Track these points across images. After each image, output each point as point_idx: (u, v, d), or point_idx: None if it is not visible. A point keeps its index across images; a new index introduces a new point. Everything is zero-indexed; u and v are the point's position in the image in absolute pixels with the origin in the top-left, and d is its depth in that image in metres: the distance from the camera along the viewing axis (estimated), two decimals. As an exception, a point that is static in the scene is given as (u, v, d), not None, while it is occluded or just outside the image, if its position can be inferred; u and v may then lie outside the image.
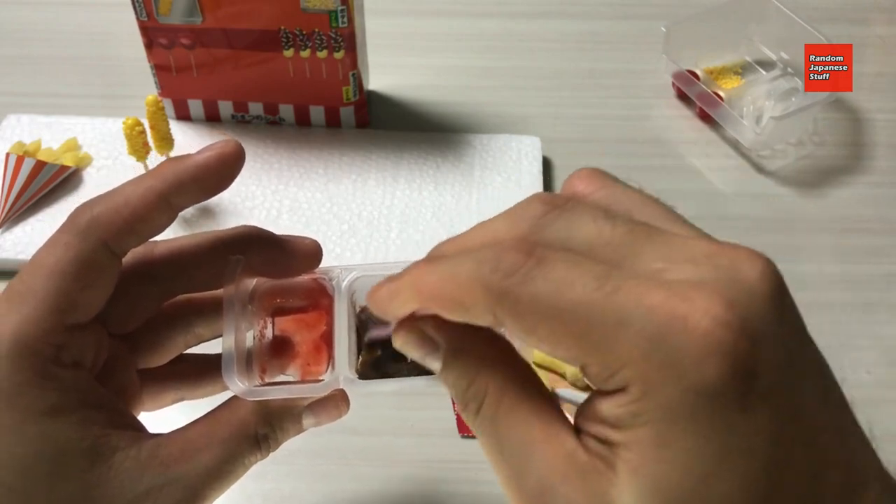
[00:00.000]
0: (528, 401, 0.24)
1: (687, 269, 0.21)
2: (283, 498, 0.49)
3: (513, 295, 0.22)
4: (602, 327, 0.21)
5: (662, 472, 0.20)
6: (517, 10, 0.80)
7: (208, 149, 0.31)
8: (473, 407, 0.25)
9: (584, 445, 0.22)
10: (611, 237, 0.23)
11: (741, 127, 0.66)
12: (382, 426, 0.51)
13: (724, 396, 0.20)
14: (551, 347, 0.22)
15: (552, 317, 0.21)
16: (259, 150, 0.66)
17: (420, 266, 0.25)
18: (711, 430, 0.20)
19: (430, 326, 0.26)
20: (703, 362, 0.20)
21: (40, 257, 0.29)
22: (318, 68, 0.64)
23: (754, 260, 0.21)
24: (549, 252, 0.22)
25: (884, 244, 0.61)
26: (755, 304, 0.21)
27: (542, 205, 0.24)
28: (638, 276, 0.21)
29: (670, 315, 0.20)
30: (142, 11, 0.61)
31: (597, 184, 0.26)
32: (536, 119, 0.70)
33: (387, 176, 0.64)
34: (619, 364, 0.21)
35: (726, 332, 0.20)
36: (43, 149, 0.64)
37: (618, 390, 0.21)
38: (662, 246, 0.22)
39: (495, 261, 0.22)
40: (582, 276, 0.21)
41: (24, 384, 0.28)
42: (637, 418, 0.21)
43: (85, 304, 0.30)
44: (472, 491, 0.49)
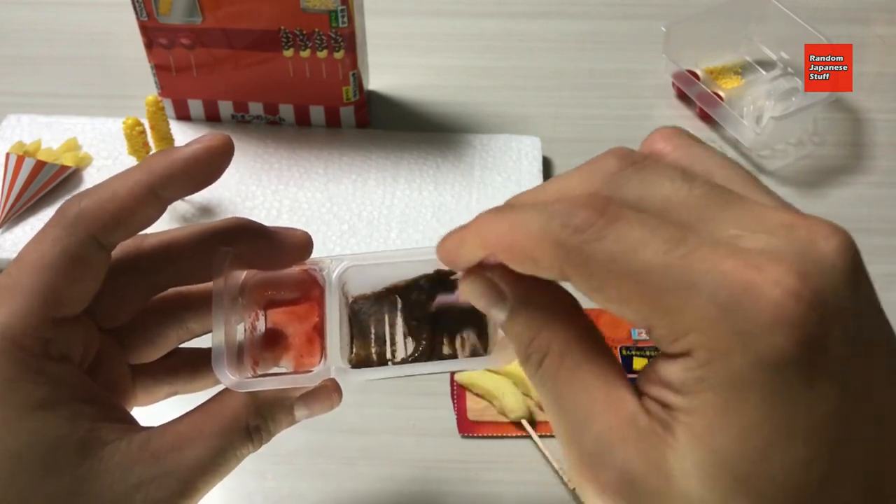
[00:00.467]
0: (591, 359, 0.24)
1: (762, 238, 0.21)
2: (283, 497, 0.49)
3: (583, 252, 0.22)
4: (672, 290, 0.21)
5: (723, 439, 0.20)
6: (517, 10, 0.80)
7: (197, 141, 0.31)
8: (535, 360, 0.24)
9: (646, 408, 0.22)
10: (687, 199, 0.22)
11: (741, 127, 0.66)
12: (382, 425, 0.51)
13: (791, 368, 0.20)
14: (618, 307, 0.22)
15: (622, 277, 0.21)
16: (259, 150, 0.66)
17: (491, 214, 0.24)
18: (776, 401, 0.20)
19: (498, 275, 0.25)
20: (771, 332, 0.20)
21: (28, 252, 0.29)
22: (318, 68, 0.64)
23: (831, 233, 0.21)
24: (622, 210, 0.22)
25: (884, 244, 0.61)
26: (828, 278, 0.20)
27: (619, 160, 0.24)
28: (712, 242, 0.21)
29: (742, 283, 0.20)
30: (142, 11, 0.61)
31: (677, 142, 0.25)
32: (536, 119, 0.70)
33: (387, 176, 0.64)
34: (687, 328, 0.21)
35: (797, 303, 0.20)
36: (43, 149, 0.64)
37: (683, 354, 0.21)
38: (739, 212, 0.22)
39: (567, 216, 0.22)
40: (654, 238, 0.21)
41: (13, 379, 0.28)
42: (701, 383, 0.21)
43: (73, 298, 0.30)
44: (472, 491, 0.49)
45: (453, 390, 0.53)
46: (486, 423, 0.51)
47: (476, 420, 0.51)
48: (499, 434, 0.51)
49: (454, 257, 0.26)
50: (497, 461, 0.50)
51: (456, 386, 0.53)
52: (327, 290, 0.32)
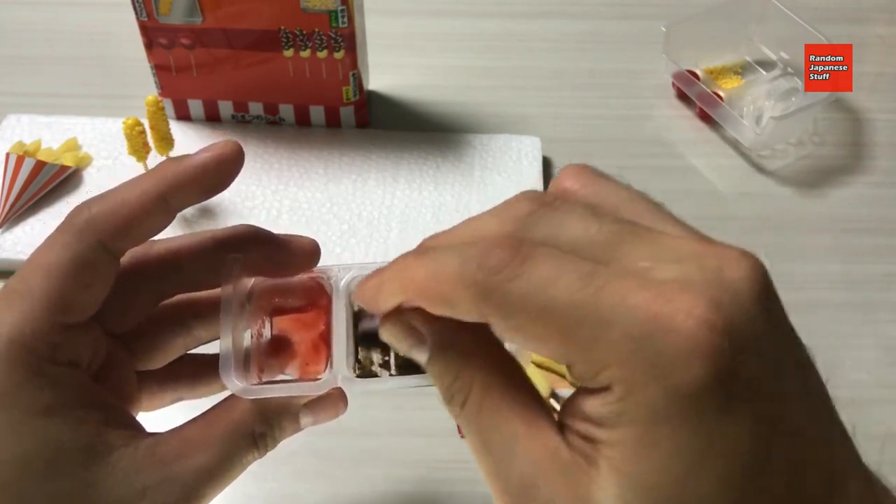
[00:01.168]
0: (513, 396, 0.24)
1: (673, 269, 0.21)
2: (283, 498, 0.49)
3: (498, 292, 0.22)
4: (586, 326, 0.21)
5: (643, 471, 0.20)
6: (517, 10, 0.81)
7: (207, 149, 0.31)
8: (458, 401, 0.25)
9: (568, 442, 0.22)
10: (597, 235, 0.23)
11: (741, 127, 0.66)
12: (382, 426, 0.51)
13: (705, 398, 0.20)
14: (536, 346, 0.22)
15: (537, 315, 0.21)
16: (259, 150, 0.66)
17: (407, 259, 0.25)
18: (692, 431, 0.20)
19: (416, 318, 0.25)
20: (685, 363, 0.20)
21: (37, 257, 0.29)
22: (318, 68, 0.64)
23: (741, 260, 0.21)
24: (534, 249, 0.22)
25: (884, 244, 0.61)
26: (740, 305, 0.21)
27: (530, 202, 0.24)
28: (623, 276, 0.21)
29: (654, 315, 0.20)
30: (142, 11, 0.61)
31: (584, 180, 0.25)
32: (536, 119, 0.70)
33: (387, 176, 0.64)
34: (604, 363, 0.21)
35: (710, 333, 0.20)
36: (43, 149, 0.65)
37: (602, 389, 0.21)
38: (649, 245, 0.22)
39: (481, 257, 0.22)
40: (567, 274, 0.21)
41: (21, 383, 0.28)
42: (620, 417, 0.21)
43: (81, 304, 0.30)
44: (471, 491, 0.49)
45: (453, 390, 0.53)
46: (487, 424, 0.51)
47: (476, 420, 0.51)
48: (499, 434, 0.51)
49: (373, 303, 0.26)
50: (497, 461, 0.50)
51: (456, 386, 0.53)
52: (334, 298, 0.32)
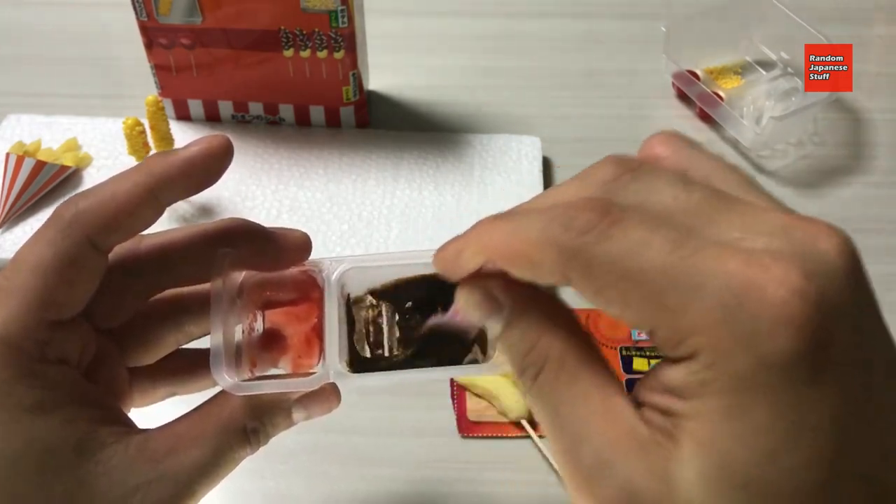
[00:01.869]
0: (588, 371, 0.24)
1: (764, 240, 0.21)
2: (282, 497, 0.49)
3: (585, 253, 0.21)
4: (676, 291, 0.20)
5: (728, 444, 0.20)
6: (517, 10, 0.80)
7: (196, 143, 0.31)
8: (532, 373, 0.24)
9: (645, 419, 0.22)
10: (687, 203, 0.22)
11: (741, 127, 0.66)
12: (382, 426, 0.51)
13: (797, 369, 0.19)
14: (621, 309, 0.22)
15: (625, 278, 0.21)
16: (259, 150, 0.66)
17: (489, 221, 0.24)
18: (782, 403, 0.20)
19: (496, 284, 0.25)
20: (777, 332, 0.19)
21: (23, 254, 0.29)
22: (318, 68, 0.64)
23: (832, 234, 0.21)
24: (624, 213, 0.22)
25: (884, 244, 0.61)
26: (831, 278, 0.20)
27: (616, 167, 0.24)
28: (715, 244, 0.21)
29: (747, 283, 0.20)
30: (142, 11, 0.61)
31: (675, 147, 0.25)
32: (536, 119, 0.70)
33: (387, 176, 0.64)
34: (691, 329, 0.20)
35: (803, 303, 0.19)
36: (43, 149, 0.64)
37: (686, 357, 0.21)
38: (739, 215, 0.22)
39: (568, 218, 0.22)
40: (657, 239, 0.21)
41: (9, 382, 0.28)
42: (705, 387, 0.20)
43: (69, 301, 0.29)
44: (472, 491, 0.49)
45: (453, 390, 0.53)
46: (486, 424, 0.51)
47: (476, 420, 0.51)
48: (499, 434, 0.51)
49: (452, 266, 0.26)
50: (497, 461, 0.50)
51: (456, 386, 0.53)
52: (326, 291, 0.32)
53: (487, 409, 0.52)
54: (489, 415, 0.51)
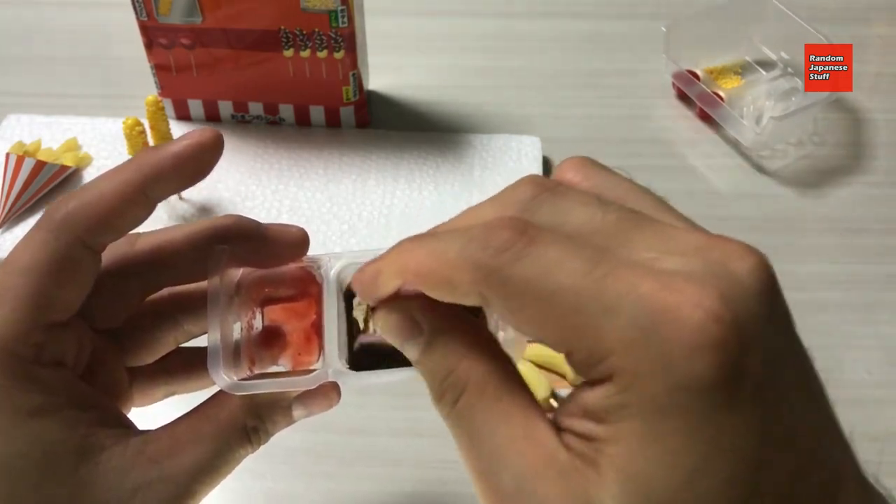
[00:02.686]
0: (509, 396, 0.23)
1: (679, 261, 0.21)
2: (283, 497, 0.49)
3: (502, 273, 0.21)
4: (590, 313, 0.20)
5: (647, 470, 0.20)
6: (517, 10, 0.81)
7: (185, 137, 0.30)
8: (450, 398, 0.24)
9: (566, 444, 0.22)
10: (602, 224, 0.22)
11: (741, 127, 0.66)
12: (382, 426, 0.51)
13: (712, 393, 0.19)
14: (537, 330, 0.22)
15: (540, 298, 0.21)
16: (259, 150, 0.66)
17: (408, 242, 0.24)
18: (698, 427, 0.20)
19: (415, 307, 0.25)
20: (693, 356, 0.19)
21: (15, 256, 0.29)
22: (318, 68, 0.64)
23: (746, 254, 0.21)
24: (540, 232, 0.22)
25: (884, 244, 0.61)
26: (747, 300, 0.20)
27: (533, 187, 0.24)
28: (630, 264, 0.21)
29: (662, 305, 0.20)
30: (142, 11, 0.61)
31: (587, 172, 0.25)
32: (536, 119, 0.70)
33: (387, 176, 0.64)
34: (606, 352, 0.20)
35: (718, 326, 0.19)
36: (43, 149, 0.65)
37: (603, 380, 0.21)
38: (653, 235, 0.22)
39: (485, 238, 0.22)
40: (573, 259, 0.21)
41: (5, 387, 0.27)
42: (622, 410, 0.20)
43: (63, 302, 0.29)
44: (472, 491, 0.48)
45: (453, 390, 0.53)
46: (486, 423, 0.51)
47: (476, 420, 0.51)
48: (499, 434, 0.51)
49: (370, 289, 0.25)
50: (497, 461, 0.50)
51: (456, 386, 0.53)
52: (325, 288, 0.31)
53: (487, 409, 0.52)
54: (489, 415, 0.51)
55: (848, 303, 0.58)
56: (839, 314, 0.57)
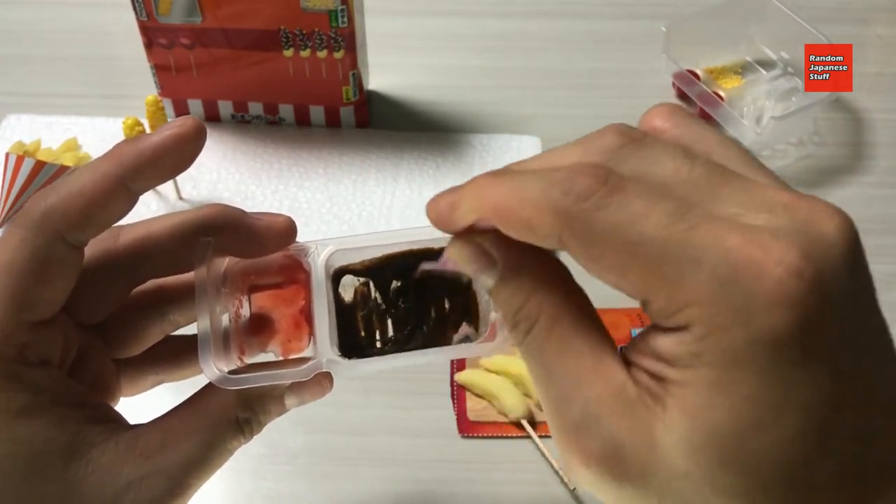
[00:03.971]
0: (581, 328, 0.24)
1: (764, 217, 0.21)
2: (282, 497, 0.49)
3: (584, 220, 0.21)
4: (674, 262, 0.21)
5: (714, 414, 0.20)
6: (517, 10, 0.80)
7: (167, 128, 0.29)
8: (524, 328, 0.24)
9: (635, 379, 0.22)
10: (688, 177, 0.22)
11: (741, 127, 0.66)
12: (382, 426, 0.51)
13: (788, 347, 0.20)
14: (616, 277, 0.22)
15: (622, 247, 0.21)
16: (259, 150, 0.66)
17: (489, 177, 0.24)
18: (771, 379, 0.20)
19: (488, 241, 0.25)
20: (772, 311, 0.20)
21: None
22: (318, 68, 0.64)
23: (833, 214, 0.21)
24: (625, 181, 0.22)
25: (884, 244, 0.61)
26: (830, 259, 0.20)
27: (619, 136, 0.24)
28: (715, 217, 0.21)
29: (745, 259, 0.20)
30: (142, 11, 0.61)
31: (676, 120, 0.25)
32: (536, 119, 0.70)
33: (387, 176, 0.64)
34: (686, 301, 0.20)
35: (799, 283, 0.20)
36: (43, 149, 0.64)
37: (679, 328, 0.21)
38: (740, 191, 0.22)
39: (569, 183, 0.22)
40: (657, 210, 0.21)
41: None
42: (697, 358, 0.20)
43: (46, 300, 0.29)
44: (472, 491, 0.49)
45: (453, 390, 0.53)
46: (486, 424, 0.51)
47: (476, 420, 0.51)
48: (499, 434, 0.51)
49: (446, 219, 0.25)
50: (497, 461, 0.50)
51: (456, 386, 0.53)
52: (313, 275, 0.31)
53: (487, 409, 0.52)
54: (489, 415, 0.51)
55: (848, 303, 0.58)
56: (839, 314, 0.57)
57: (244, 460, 0.50)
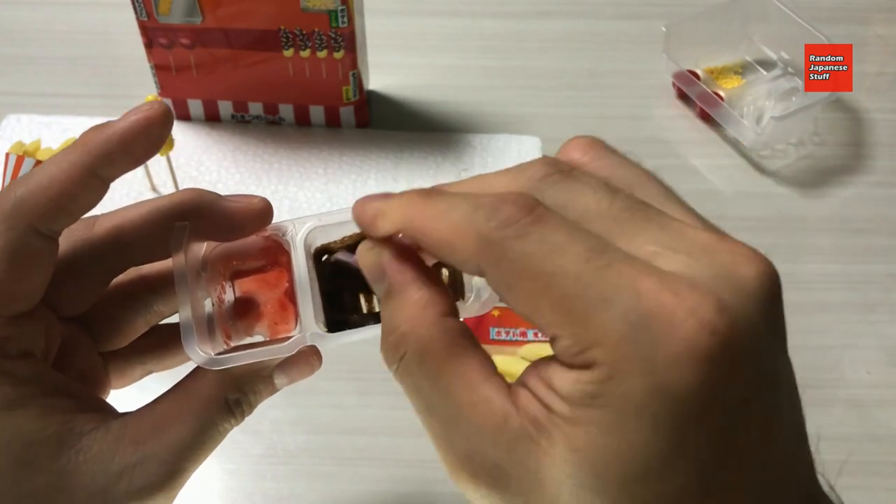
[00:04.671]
0: (454, 361, 0.23)
1: (682, 260, 0.21)
2: (282, 497, 0.49)
3: (503, 248, 0.21)
4: (584, 300, 0.20)
5: (602, 458, 0.20)
6: (517, 10, 0.80)
7: (133, 112, 0.29)
8: (394, 357, 0.24)
9: (521, 405, 0.22)
10: (609, 211, 0.22)
11: (741, 127, 0.66)
12: (381, 426, 0.51)
13: (689, 403, 0.19)
14: (526, 308, 0.22)
15: (537, 278, 0.21)
16: (259, 150, 0.66)
17: (415, 195, 0.24)
18: (666, 431, 0.19)
19: (386, 255, 0.25)
20: (678, 364, 0.19)
21: None
22: (318, 68, 0.64)
23: (754, 260, 0.21)
24: (548, 213, 0.22)
25: (884, 244, 0.61)
26: (746, 311, 0.20)
27: (545, 167, 0.24)
28: (632, 259, 0.21)
29: (657, 306, 0.19)
30: (142, 11, 0.61)
31: (595, 153, 0.25)
32: (536, 119, 0.70)
33: (387, 176, 0.64)
34: (593, 341, 0.20)
35: (710, 338, 0.19)
36: (43, 149, 0.64)
37: (582, 367, 0.20)
38: (660, 230, 0.22)
39: (493, 210, 0.22)
40: (575, 245, 0.21)
41: None
42: (594, 399, 0.20)
43: (24, 293, 0.28)
44: (471, 491, 0.49)
45: (453, 390, 0.53)
46: (486, 424, 0.51)
47: (476, 420, 0.51)
48: (499, 434, 0.51)
49: (368, 224, 0.26)
50: (497, 461, 0.50)
51: (456, 386, 0.53)
52: (293, 254, 0.31)
53: (487, 409, 0.52)
54: (489, 415, 0.51)
55: (848, 303, 0.58)
56: (839, 314, 0.57)
57: (243, 460, 0.50)
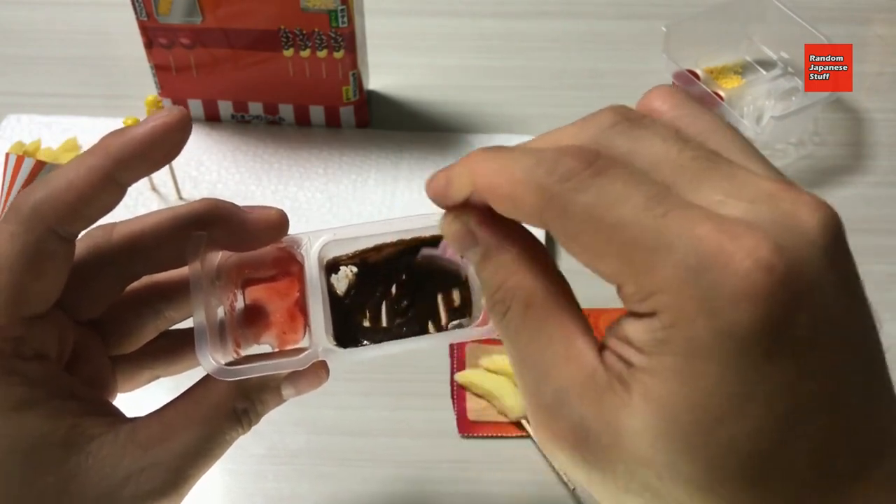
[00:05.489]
0: (554, 314, 0.24)
1: (744, 207, 0.21)
2: (283, 498, 0.49)
3: (563, 200, 0.22)
4: (645, 248, 0.21)
5: (675, 404, 0.20)
6: (517, 10, 0.80)
7: (152, 118, 0.29)
8: (500, 310, 0.24)
9: (606, 364, 0.22)
10: (676, 159, 0.22)
11: (741, 126, 0.66)
12: (382, 426, 0.51)
13: (751, 342, 0.19)
14: (590, 259, 0.22)
15: (597, 229, 0.21)
16: (259, 150, 0.66)
17: (480, 153, 0.24)
18: (734, 373, 0.20)
19: (473, 220, 0.25)
20: (737, 303, 0.19)
21: None
22: (318, 68, 0.64)
23: (817, 207, 0.21)
24: (609, 165, 0.22)
25: (884, 244, 0.61)
26: (805, 254, 0.20)
27: (615, 115, 0.24)
28: (691, 205, 0.21)
29: (714, 249, 0.20)
30: (142, 11, 0.61)
31: (674, 102, 0.25)
32: (536, 119, 0.70)
33: (387, 176, 0.64)
34: (655, 288, 0.20)
35: (767, 277, 0.19)
36: (43, 149, 0.64)
37: (648, 314, 0.21)
38: (726, 178, 0.22)
39: (553, 163, 0.22)
40: (636, 195, 0.21)
41: None
42: (662, 346, 0.20)
43: (40, 295, 0.29)
44: (472, 491, 0.49)
45: (453, 390, 0.53)
46: (486, 423, 0.51)
47: (476, 420, 0.51)
48: (499, 434, 0.51)
49: (443, 194, 0.26)
50: (497, 461, 0.50)
51: (456, 386, 0.53)
52: (307, 266, 0.31)
53: (487, 409, 0.52)
54: (489, 415, 0.51)
55: (848, 303, 0.58)
56: (839, 314, 0.57)
57: (245, 460, 0.50)
